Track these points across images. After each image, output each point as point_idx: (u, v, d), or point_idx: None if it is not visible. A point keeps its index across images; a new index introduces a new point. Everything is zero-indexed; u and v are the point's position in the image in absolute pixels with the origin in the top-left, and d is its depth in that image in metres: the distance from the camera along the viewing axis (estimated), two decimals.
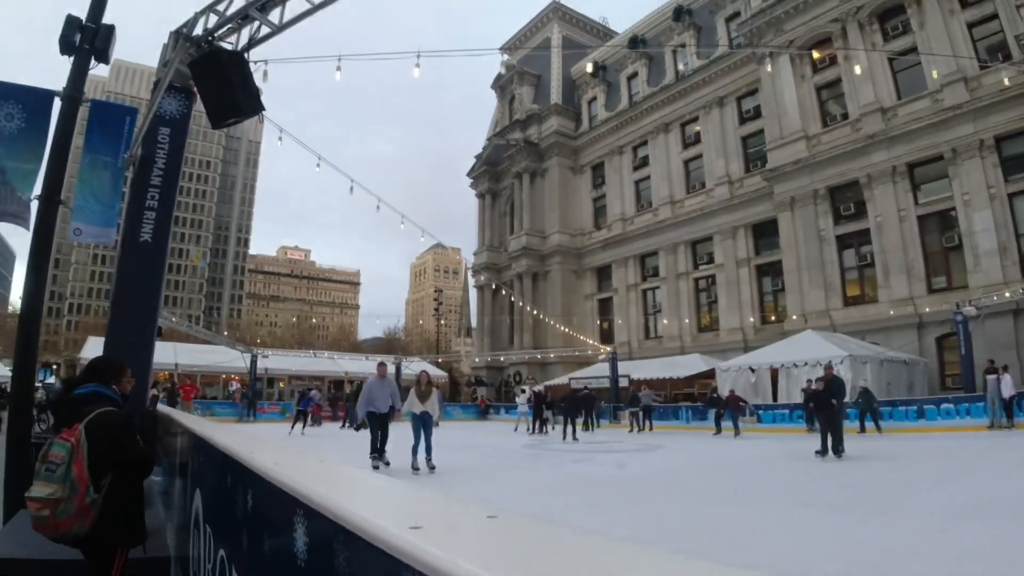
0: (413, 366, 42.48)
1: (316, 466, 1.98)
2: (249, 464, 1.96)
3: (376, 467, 10.51)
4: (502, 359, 42.52)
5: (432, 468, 10.43)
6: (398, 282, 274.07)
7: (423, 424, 10.59)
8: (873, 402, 19.37)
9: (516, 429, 24.42)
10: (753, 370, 24.98)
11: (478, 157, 50.90)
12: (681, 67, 38.44)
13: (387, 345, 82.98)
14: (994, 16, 25.08)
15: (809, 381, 20.34)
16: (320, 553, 1.36)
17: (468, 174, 52.10)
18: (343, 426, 25.85)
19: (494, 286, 44.52)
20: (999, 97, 23.43)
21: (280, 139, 14.40)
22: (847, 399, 17.50)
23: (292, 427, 20.83)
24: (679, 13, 39.03)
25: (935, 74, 25.13)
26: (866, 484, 8.92)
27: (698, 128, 37.16)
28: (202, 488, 3.14)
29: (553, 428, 23.44)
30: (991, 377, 17.77)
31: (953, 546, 5.03)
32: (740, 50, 33.84)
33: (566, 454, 14.88)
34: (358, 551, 1.11)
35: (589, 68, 43.65)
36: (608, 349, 33.92)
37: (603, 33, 52.31)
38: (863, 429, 19.10)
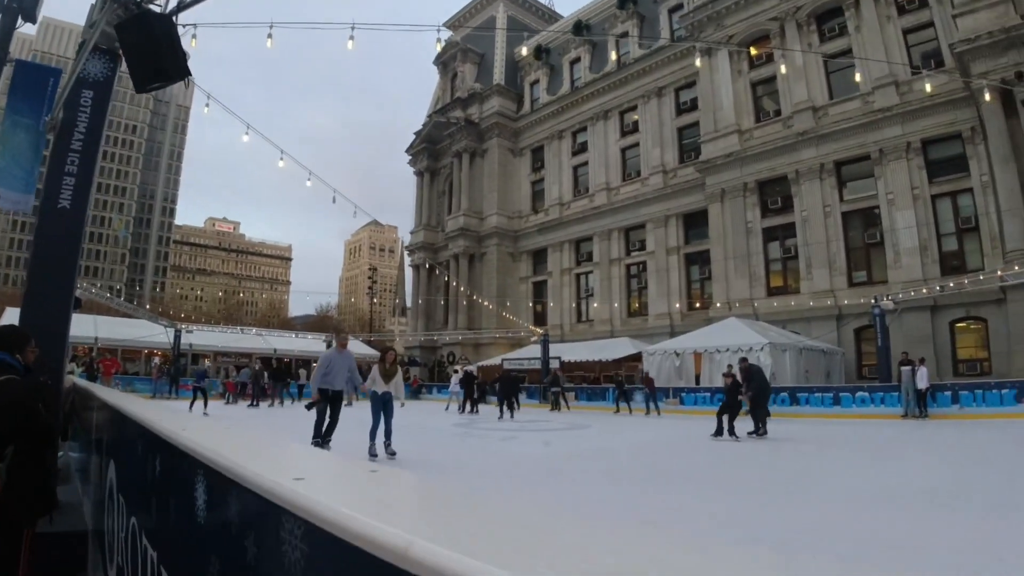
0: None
1: (220, 431, 2.08)
2: (159, 431, 2.01)
3: None
4: (436, 339, 42.58)
5: (392, 454, 9.55)
6: (332, 259, 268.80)
7: (384, 405, 9.67)
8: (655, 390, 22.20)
9: (447, 408, 24.59)
10: (678, 354, 25.80)
11: (417, 134, 50.25)
12: (623, 55, 38.87)
13: (319, 323, 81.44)
14: (929, 24, 26.41)
15: (730, 366, 21.17)
16: (217, 508, 1.43)
17: (407, 151, 51.36)
18: (252, 404, 25.07)
19: (428, 266, 44.30)
20: (929, 102, 24.68)
21: (207, 106, 13.92)
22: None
23: (191, 406, 18.65)
24: (624, 1, 39.40)
25: (864, 77, 26.18)
26: (782, 466, 9.30)
27: (636, 117, 37.82)
28: (116, 460, 3.17)
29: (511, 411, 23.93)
30: (906, 368, 18.67)
31: (862, 528, 5.17)
32: (681, 42, 34.45)
33: (495, 432, 15.08)
34: (248, 503, 1.17)
35: (532, 51, 43.70)
36: (541, 331, 34.39)
37: (548, 16, 52.40)
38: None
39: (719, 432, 13.32)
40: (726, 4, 31.79)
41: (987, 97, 21.20)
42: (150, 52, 5.85)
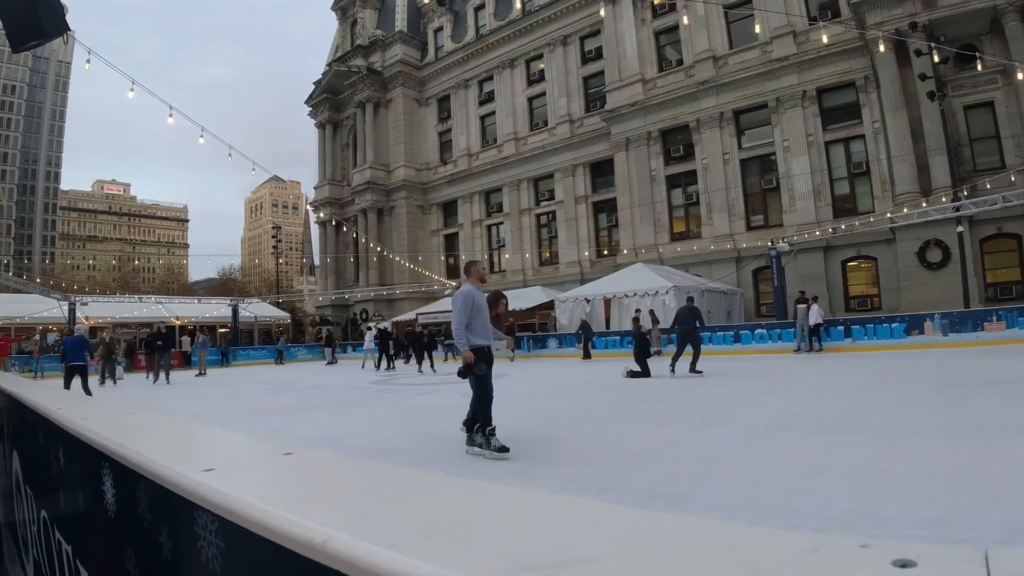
0: (253, 308, 40.39)
1: (125, 417, 1.94)
2: (58, 421, 1.91)
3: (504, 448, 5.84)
4: (347, 297, 41.33)
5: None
6: (233, 218, 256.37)
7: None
8: (590, 333, 22.60)
9: (363, 366, 23.98)
10: (588, 301, 26.06)
11: (317, 84, 47.66)
12: (528, 2, 37.96)
13: (223, 286, 77.51)
14: None
15: (638, 311, 21.62)
16: (127, 501, 1.35)
17: (307, 102, 48.69)
18: (149, 376, 21.05)
19: (335, 222, 42.64)
20: (824, 52, 25.40)
21: (88, 61, 12.56)
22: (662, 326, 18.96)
23: (66, 383, 14.44)
24: None
25: (763, 27, 26.61)
26: (693, 401, 9.41)
27: (543, 66, 37.26)
28: (19, 450, 3.06)
29: (407, 362, 23.61)
30: (801, 306, 19.59)
31: (765, 454, 5.36)
32: None
33: (415, 388, 14.67)
34: (158, 497, 1.13)
35: None
36: (454, 284, 33.94)
37: None
38: (587, 355, 22.42)
39: (643, 373, 13.57)
40: None
41: (881, 47, 21.93)
42: (26, 8, 5.37)
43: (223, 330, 36.90)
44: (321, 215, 45.92)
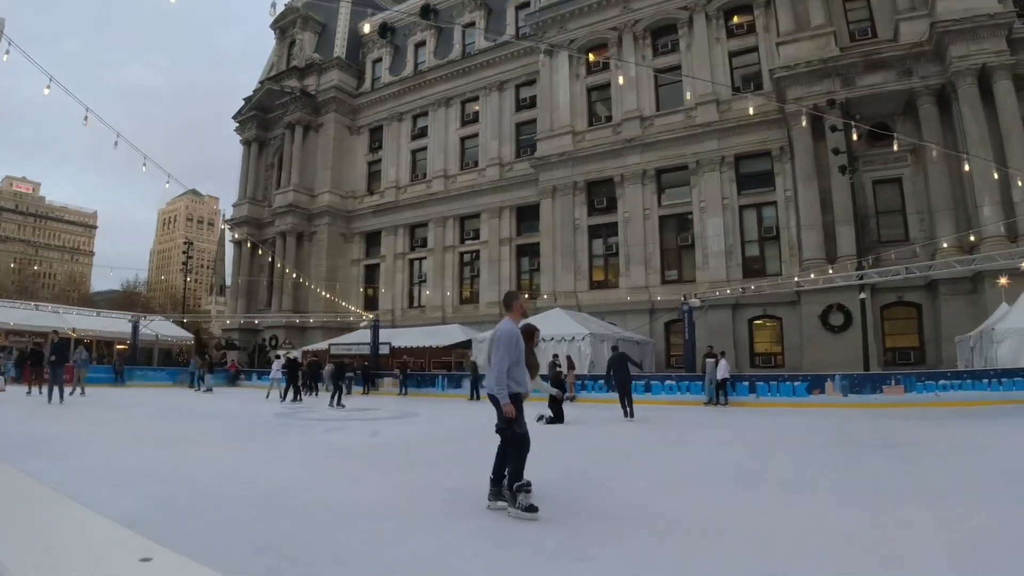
0: (155, 325, 38.16)
1: None
2: None
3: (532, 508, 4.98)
4: (257, 322, 39.54)
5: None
6: (143, 229, 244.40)
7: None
8: (477, 375, 23.12)
9: (268, 396, 22.87)
10: None
11: (247, 100, 46.34)
12: (469, 45, 38.45)
13: (125, 299, 73.10)
14: (754, 49, 28.81)
15: (556, 356, 21.56)
16: None
17: (235, 117, 47.19)
18: (36, 391, 19.72)
19: (252, 243, 41.05)
20: (745, 121, 26.63)
21: (8, 52, 11.79)
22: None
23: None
24: None
25: (689, 93, 27.97)
26: (603, 450, 9.36)
27: (478, 108, 37.64)
28: None
29: (317, 395, 23.18)
30: (710, 360, 20.09)
31: (669, 507, 5.27)
32: (525, 40, 34.71)
33: (319, 423, 13.86)
34: None
35: (377, 28, 41.99)
36: (371, 316, 33.14)
37: None
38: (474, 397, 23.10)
39: (558, 419, 13.48)
40: (570, 9, 32.56)
41: (803, 122, 23.19)
42: None
43: (121, 347, 34.63)
44: (237, 234, 44.14)
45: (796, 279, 23.83)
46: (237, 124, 47.06)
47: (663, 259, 29.12)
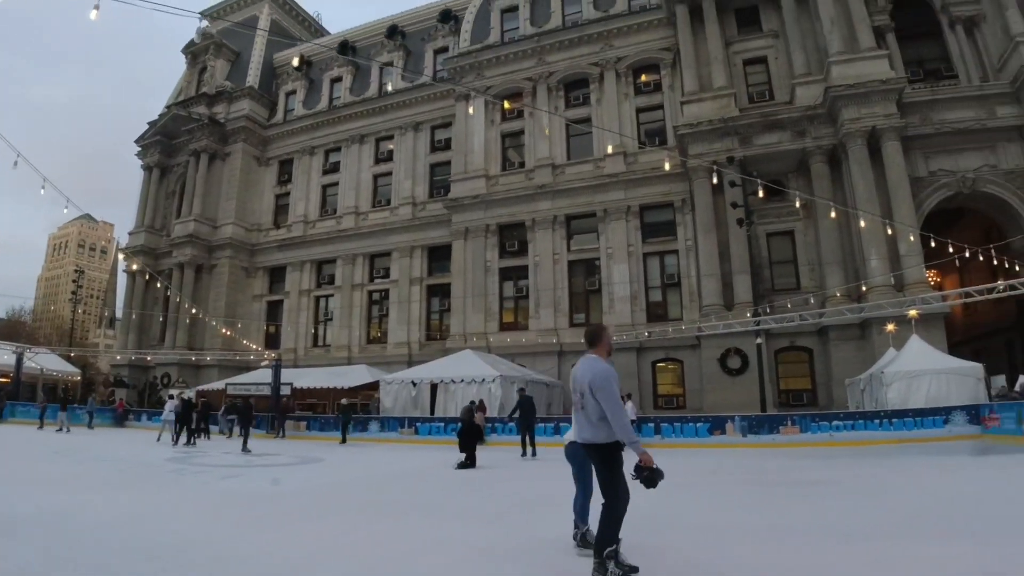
0: (41, 358, 35.01)
1: None
2: None
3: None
4: (150, 358, 36.83)
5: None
6: (31, 254, 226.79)
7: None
8: (349, 417, 23.23)
9: (159, 439, 21.32)
10: (415, 384, 25.24)
11: (152, 124, 43.90)
12: (386, 84, 38.18)
13: (8, 329, 66.79)
14: (660, 106, 30.22)
15: (472, 401, 21.05)
16: None
17: (137, 141, 44.49)
18: None
19: (148, 274, 38.43)
20: (650, 174, 27.59)
21: None
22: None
23: None
24: (393, 32, 39.06)
25: (598, 145, 28.79)
26: (518, 496, 9.18)
27: (392, 147, 37.25)
28: None
29: (209, 438, 22.09)
30: None
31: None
32: (442, 83, 34.88)
33: (215, 469, 12.95)
34: None
35: (295, 61, 40.99)
36: (273, 355, 31.51)
37: (314, 29, 50.17)
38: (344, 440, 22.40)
39: (470, 464, 13.49)
40: (488, 57, 33.14)
41: (703, 177, 24.31)
42: None
43: (2, 380, 31.58)
44: (133, 265, 41.26)
45: (697, 324, 24.59)
46: (139, 148, 44.48)
47: (571, 302, 29.45)
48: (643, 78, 30.93)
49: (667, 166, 24.69)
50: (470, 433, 14.29)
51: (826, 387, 23.93)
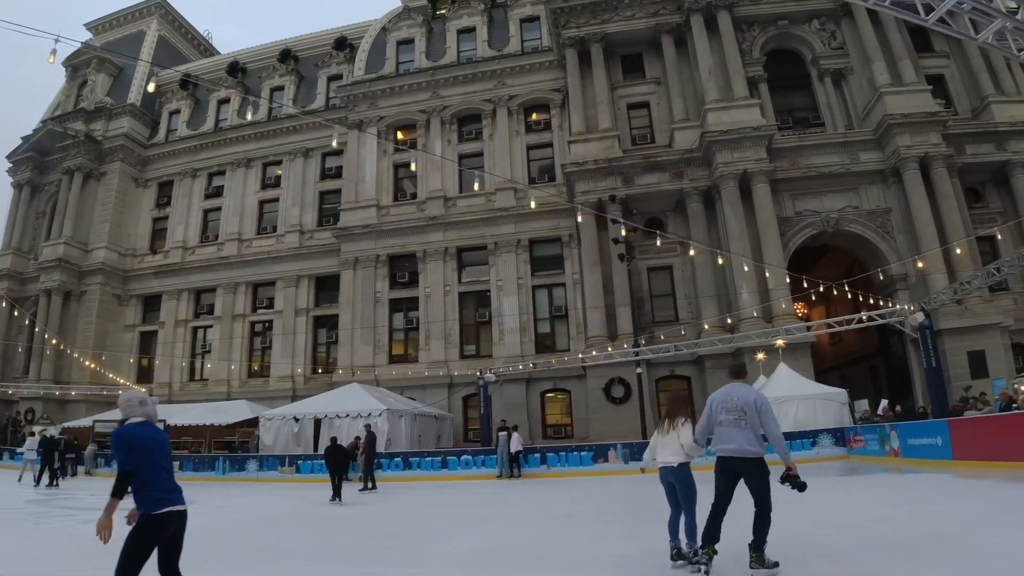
0: None
1: None
2: None
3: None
4: (11, 392, 32.91)
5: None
6: None
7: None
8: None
9: (20, 479, 19.78)
10: (297, 420, 23.74)
11: (26, 139, 39.98)
12: (275, 108, 36.42)
13: None
14: (549, 144, 30.61)
15: (357, 437, 20.08)
16: None
17: (9, 156, 40.38)
18: None
19: (8, 302, 34.45)
20: (539, 209, 27.33)
21: None
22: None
23: None
24: (286, 56, 37.64)
25: (489, 179, 28.59)
26: (391, 535, 8.88)
27: (280, 172, 35.43)
28: None
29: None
30: (502, 434, 20.18)
31: None
32: (334, 111, 33.85)
33: (79, 512, 11.65)
34: None
35: (180, 80, 38.52)
36: (144, 389, 28.76)
37: (203, 48, 47.60)
38: None
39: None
40: (382, 87, 32.51)
41: (595, 214, 24.21)
42: None
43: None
44: None
45: (581, 355, 24.69)
46: (10, 164, 40.29)
47: (462, 334, 28.93)
48: (534, 116, 31.28)
49: (557, 200, 24.91)
50: (342, 466, 14.33)
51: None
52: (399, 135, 30.33)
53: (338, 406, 23.06)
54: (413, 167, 29.61)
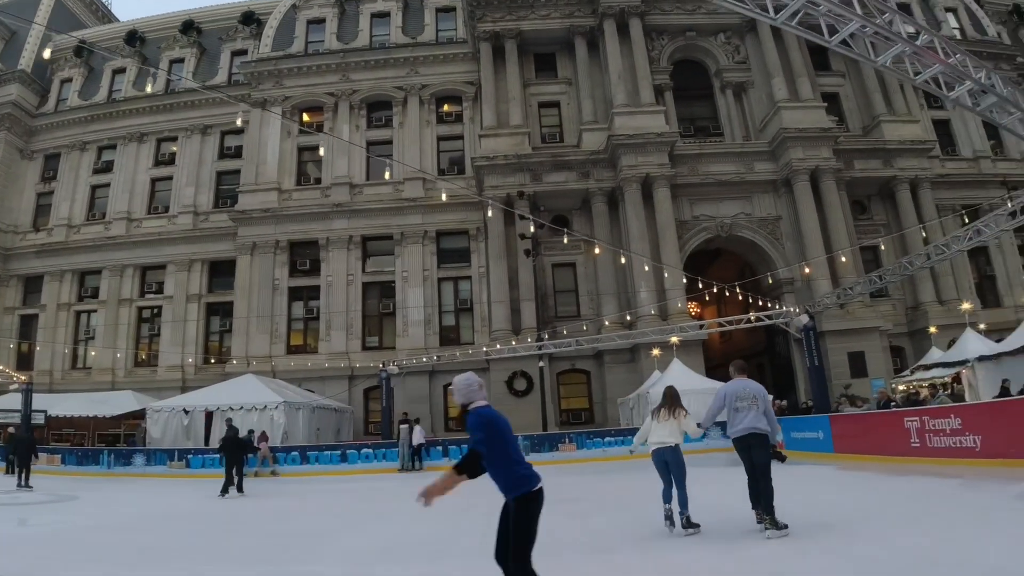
0: None
1: None
2: None
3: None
4: None
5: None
6: None
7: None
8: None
9: None
10: (187, 412, 22.18)
11: None
12: (175, 81, 33.73)
13: None
14: (460, 137, 29.88)
15: (251, 431, 19.28)
16: None
17: None
18: None
19: None
20: (448, 201, 26.43)
21: None
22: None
23: None
24: (189, 27, 34.93)
25: (398, 168, 27.44)
26: (287, 532, 8.58)
27: (176, 149, 32.74)
28: None
29: None
30: (404, 427, 19.87)
31: None
32: (237, 87, 31.71)
33: None
34: None
35: (74, 46, 35.19)
36: (24, 377, 26.09)
37: (102, 14, 43.90)
38: None
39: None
40: (289, 66, 30.82)
41: (503, 208, 23.96)
42: None
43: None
44: None
45: (486, 349, 24.39)
46: None
47: (365, 325, 27.89)
48: (446, 107, 30.55)
49: (466, 190, 24.56)
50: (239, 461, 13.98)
51: (602, 406, 25.05)
52: (305, 117, 28.76)
53: (232, 398, 21.78)
54: (322, 152, 27.95)
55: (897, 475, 10.96)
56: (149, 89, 32.81)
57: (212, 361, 28.76)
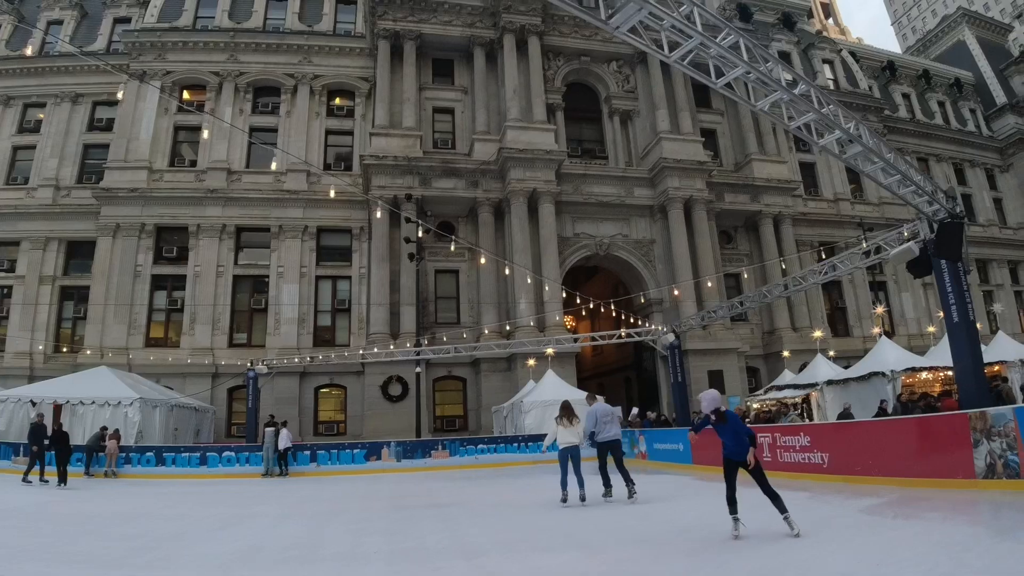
0: None
1: None
2: None
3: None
4: None
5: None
6: None
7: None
8: None
9: None
10: (35, 403, 19.75)
11: None
12: (49, 43, 30.42)
13: None
14: (350, 132, 28.71)
15: (104, 428, 17.81)
16: None
17: None
18: None
19: None
20: (332, 197, 25.29)
21: None
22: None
23: None
24: None
25: (281, 158, 25.86)
26: (141, 535, 7.81)
27: (42, 116, 29.39)
28: None
29: None
30: (269, 430, 18.68)
31: None
32: (115, 56, 28.90)
33: None
34: None
35: None
36: None
37: None
38: None
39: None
40: (174, 39, 28.56)
41: (389, 210, 23.39)
42: None
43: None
44: None
45: (362, 351, 23.43)
46: None
47: (233, 320, 26.08)
48: (337, 101, 29.27)
49: (336, 191, 23.28)
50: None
51: (476, 413, 24.78)
52: (186, 95, 26.57)
53: (82, 391, 19.68)
54: (205, 135, 25.84)
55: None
56: (29, 52, 29.41)
57: (64, 350, 25.93)
